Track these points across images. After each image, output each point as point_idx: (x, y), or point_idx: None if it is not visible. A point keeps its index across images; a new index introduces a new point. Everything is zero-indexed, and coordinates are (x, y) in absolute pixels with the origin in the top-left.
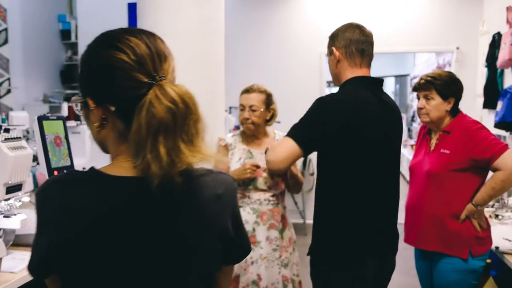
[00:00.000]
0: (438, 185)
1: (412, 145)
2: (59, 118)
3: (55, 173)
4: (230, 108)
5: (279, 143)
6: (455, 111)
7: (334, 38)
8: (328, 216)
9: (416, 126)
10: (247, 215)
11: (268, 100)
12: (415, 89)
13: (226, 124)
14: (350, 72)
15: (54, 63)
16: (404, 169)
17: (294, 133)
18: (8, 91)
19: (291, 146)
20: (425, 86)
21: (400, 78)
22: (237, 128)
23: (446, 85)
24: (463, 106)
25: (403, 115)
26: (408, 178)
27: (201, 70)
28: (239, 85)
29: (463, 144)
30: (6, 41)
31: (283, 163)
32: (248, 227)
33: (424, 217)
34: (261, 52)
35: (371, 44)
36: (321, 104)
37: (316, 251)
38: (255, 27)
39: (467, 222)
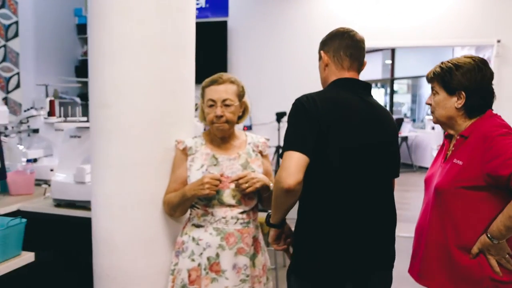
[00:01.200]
0: (446, 205)
1: None
2: None
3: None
4: None
5: (283, 161)
6: (474, 110)
7: (323, 43)
8: (306, 227)
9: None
10: (209, 237)
11: (241, 93)
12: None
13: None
14: (336, 75)
15: (68, 58)
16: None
17: (290, 143)
18: (17, 86)
19: (296, 157)
20: (430, 77)
21: None
22: (248, 128)
23: (450, 75)
24: (505, 107)
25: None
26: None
27: (157, 54)
28: (250, 81)
29: (479, 154)
30: (16, 35)
31: (296, 178)
32: (210, 253)
33: (427, 245)
34: (272, 46)
35: (361, 49)
36: (296, 105)
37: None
38: (264, 21)
39: (481, 258)
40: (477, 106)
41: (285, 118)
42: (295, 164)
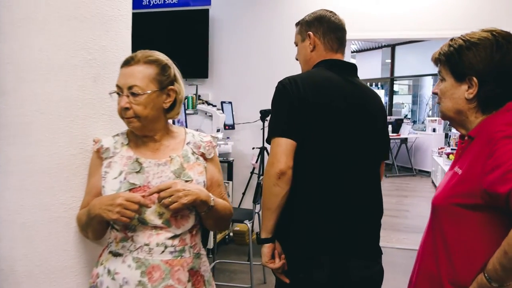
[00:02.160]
0: (440, 226)
1: (448, 154)
2: None
3: None
4: (222, 103)
5: (271, 149)
6: (489, 102)
7: (309, 23)
8: (293, 208)
9: (456, 131)
10: (127, 270)
11: (163, 76)
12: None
13: (213, 123)
14: (324, 57)
15: None
16: (440, 181)
17: (276, 129)
18: None
19: (284, 142)
20: (435, 58)
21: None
22: (229, 127)
23: (458, 54)
24: None
25: (441, 119)
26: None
27: (73, 27)
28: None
29: (481, 162)
30: None
31: (286, 162)
32: None
33: (419, 274)
34: (258, 38)
35: (345, 32)
36: (279, 88)
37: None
38: (250, 10)
39: None
40: (493, 97)
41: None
42: (284, 150)
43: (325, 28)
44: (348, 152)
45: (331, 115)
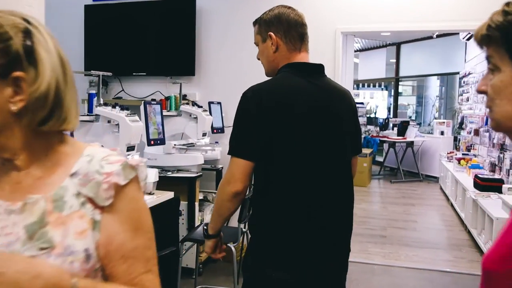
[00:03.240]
0: None
1: (459, 159)
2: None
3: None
4: (210, 104)
5: (229, 166)
6: None
7: (269, 23)
8: (267, 222)
9: (465, 135)
10: None
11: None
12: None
13: (198, 126)
14: (287, 59)
15: None
16: (449, 189)
17: (236, 148)
18: None
19: (242, 164)
20: (481, 36)
21: (447, 78)
22: (218, 131)
23: None
24: None
25: (449, 121)
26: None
27: None
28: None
29: None
30: None
31: (243, 183)
32: None
33: None
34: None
35: (306, 26)
36: (242, 101)
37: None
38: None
39: None
40: None
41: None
42: (242, 171)
43: (285, 27)
44: (312, 157)
45: (293, 124)
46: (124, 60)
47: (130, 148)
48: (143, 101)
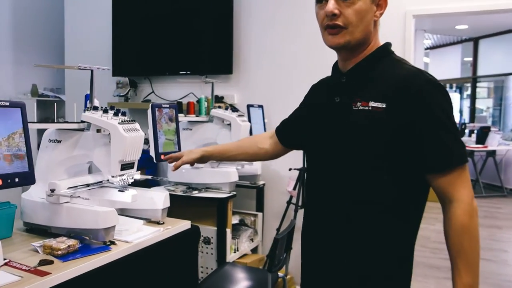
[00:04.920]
0: None
1: None
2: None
3: (162, 156)
4: (249, 107)
5: (465, 178)
6: None
7: None
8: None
9: None
10: None
11: None
12: None
13: (232, 134)
14: (377, 37)
15: (55, 48)
16: None
17: (463, 154)
18: None
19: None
20: None
21: None
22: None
23: None
24: None
25: None
26: None
27: None
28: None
29: None
30: None
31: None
32: None
33: None
34: (299, 23)
35: None
36: (446, 94)
37: None
38: None
39: None
40: None
41: None
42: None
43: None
44: None
45: None
46: (154, 58)
47: (127, 166)
48: (150, 104)
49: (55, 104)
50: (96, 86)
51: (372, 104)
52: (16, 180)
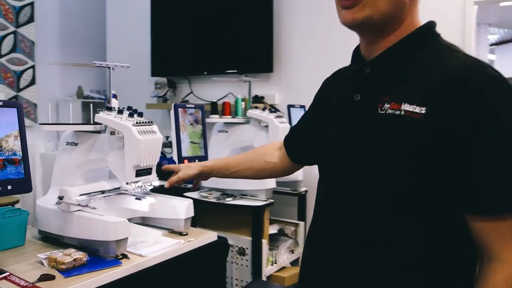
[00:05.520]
0: None
1: None
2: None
3: (185, 161)
4: (290, 107)
5: None
6: None
7: None
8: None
9: None
10: None
11: None
12: None
13: (270, 137)
14: (417, 16)
15: (98, 49)
16: None
17: None
18: (31, 83)
19: None
20: None
21: None
22: None
23: None
24: None
25: None
26: None
27: None
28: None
29: None
30: (31, 19)
31: None
32: None
33: None
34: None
35: None
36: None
37: None
38: None
39: None
40: None
41: None
42: None
43: None
44: None
45: None
46: (193, 57)
47: (142, 172)
48: (173, 105)
49: (91, 105)
50: (135, 86)
51: (406, 107)
52: (9, 187)
